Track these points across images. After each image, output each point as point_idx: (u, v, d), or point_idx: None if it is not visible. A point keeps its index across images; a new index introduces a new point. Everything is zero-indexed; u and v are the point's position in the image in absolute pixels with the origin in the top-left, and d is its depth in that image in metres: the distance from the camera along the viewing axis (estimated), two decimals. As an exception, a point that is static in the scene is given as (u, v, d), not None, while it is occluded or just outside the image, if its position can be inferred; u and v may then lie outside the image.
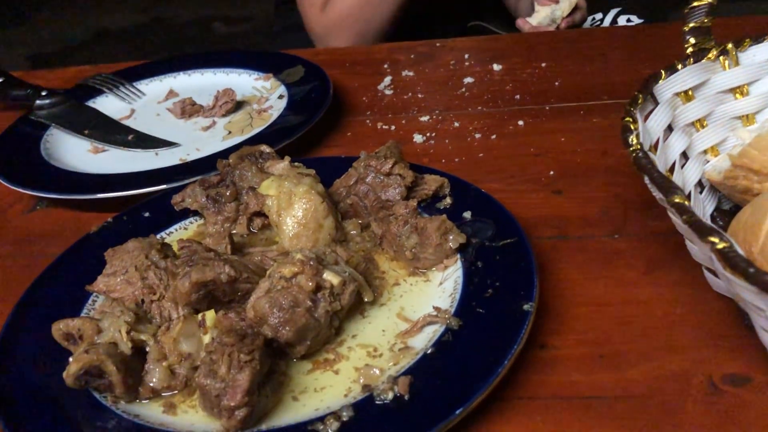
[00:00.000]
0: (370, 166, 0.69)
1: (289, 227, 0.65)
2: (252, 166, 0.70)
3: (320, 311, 0.54)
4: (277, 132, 0.87)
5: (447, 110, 0.94)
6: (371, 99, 1.00)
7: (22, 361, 0.57)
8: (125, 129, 0.95)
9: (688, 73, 0.66)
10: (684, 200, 0.48)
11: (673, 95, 0.65)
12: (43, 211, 0.84)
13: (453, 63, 1.06)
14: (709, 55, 0.67)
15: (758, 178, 0.56)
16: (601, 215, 0.70)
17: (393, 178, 0.68)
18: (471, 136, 0.87)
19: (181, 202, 0.71)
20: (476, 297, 0.56)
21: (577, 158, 0.80)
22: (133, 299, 0.59)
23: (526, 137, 0.86)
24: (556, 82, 0.97)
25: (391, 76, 1.05)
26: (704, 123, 0.67)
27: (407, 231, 0.62)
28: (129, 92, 1.05)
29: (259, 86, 1.03)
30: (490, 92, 0.97)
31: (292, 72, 1.01)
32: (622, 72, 0.97)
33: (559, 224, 0.70)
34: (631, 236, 0.67)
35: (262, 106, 0.97)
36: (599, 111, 0.88)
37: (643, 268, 0.63)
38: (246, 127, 0.93)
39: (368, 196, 0.68)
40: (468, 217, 0.66)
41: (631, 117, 0.59)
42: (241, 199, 0.70)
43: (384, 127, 0.92)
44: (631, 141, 0.55)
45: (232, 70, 1.07)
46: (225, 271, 0.56)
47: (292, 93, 0.97)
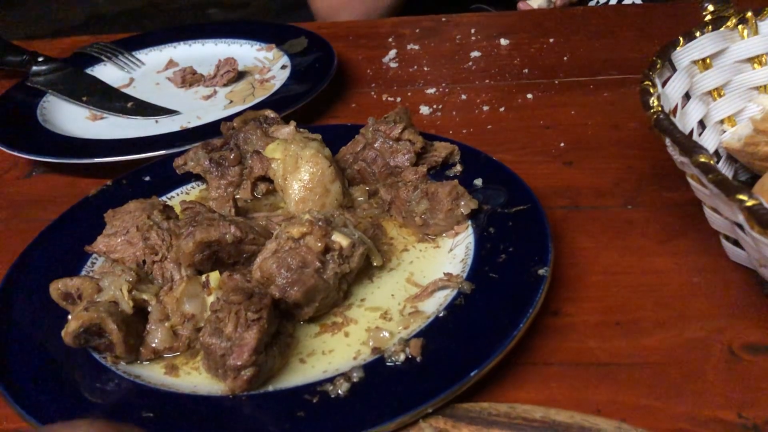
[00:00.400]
0: (378, 130, 0.67)
1: (295, 191, 0.63)
2: (257, 130, 0.68)
3: (329, 273, 0.52)
4: (280, 101, 0.85)
5: (454, 83, 0.92)
6: (376, 71, 0.98)
7: (19, 323, 0.55)
8: (124, 96, 0.93)
9: (706, 40, 0.64)
10: (709, 159, 0.46)
11: (690, 63, 0.63)
12: (40, 176, 0.82)
13: (459, 38, 1.04)
14: (728, 24, 0.65)
15: (780, 144, 0.55)
16: (613, 186, 0.68)
17: (402, 144, 0.66)
18: (479, 108, 0.86)
19: (183, 166, 0.69)
20: (489, 262, 0.55)
21: (587, 131, 0.78)
22: (134, 260, 0.57)
23: (535, 110, 0.84)
24: (564, 57, 0.95)
25: (396, 49, 1.03)
26: (721, 92, 0.66)
27: (417, 196, 0.61)
28: (128, 61, 1.03)
29: (261, 57, 1.01)
30: (498, 66, 0.95)
31: (296, 43, 0.99)
32: (631, 48, 0.95)
33: (571, 195, 0.68)
34: (645, 207, 0.65)
35: (264, 76, 0.95)
36: (609, 86, 0.87)
37: (657, 237, 0.61)
38: (248, 96, 0.91)
39: (376, 161, 0.67)
40: (479, 185, 0.64)
41: (649, 80, 0.57)
42: (245, 162, 0.68)
43: (389, 99, 0.90)
44: (652, 103, 0.54)
45: (233, 40, 1.05)
46: (230, 231, 0.54)
47: (296, 63, 0.95)
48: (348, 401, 0.45)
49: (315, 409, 0.45)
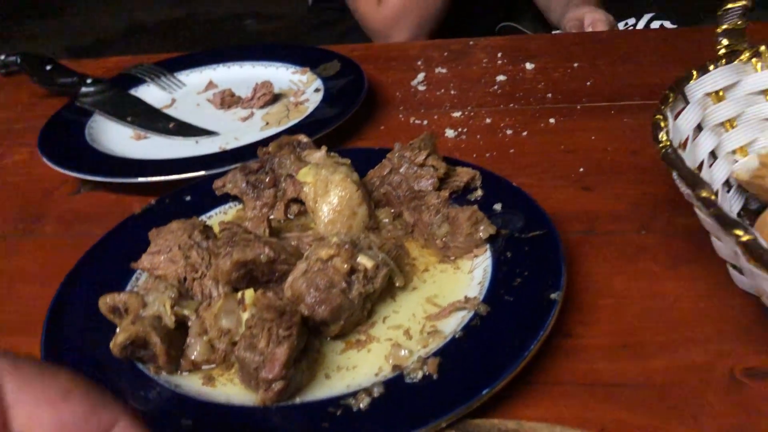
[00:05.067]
0: (404, 156, 0.71)
1: (325, 213, 0.67)
2: (290, 155, 0.73)
3: (354, 293, 0.56)
4: (313, 124, 0.90)
5: (479, 107, 0.96)
6: (404, 94, 1.02)
7: (70, 334, 0.60)
8: (166, 117, 0.99)
9: (719, 73, 0.67)
10: (711, 194, 0.49)
11: (703, 95, 0.66)
12: (88, 193, 0.87)
13: (486, 61, 1.08)
14: (741, 57, 0.68)
15: (786, 178, 0.57)
16: (629, 211, 0.71)
17: (426, 169, 0.70)
18: (502, 132, 0.89)
19: (222, 187, 0.74)
20: (505, 285, 0.58)
21: (607, 156, 0.81)
22: (175, 277, 0.62)
23: (557, 135, 0.87)
24: (588, 82, 0.98)
25: (425, 72, 1.07)
26: (734, 123, 0.68)
27: (439, 220, 0.65)
28: (170, 82, 1.08)
29: (295, 79, 1.06)
30: (522, 90, 0.99)
31: (329, 66, 1.04)
32: (654, 74, 0.98)
33: (588, 219, 0.71)
34: (658, 232, 0.68)
35: (298, 99, 1.00)
36: (630, 111, 0.89)
37: (668, 263, 0.64)
38: (283, 118, 0.96)
39: (401, 186, 0.71)
40: (498, 209, 0.68)
41: (661, 115, 0.60)
42: (279, 185, 0.72)
43: (416, 122, 0.94)
44: (661, 138, 0.57)
45: (269, 63, 1.10)
46: (265, 252, 0.58)
47: (328, 86, 0.99)
48: (369, 415, 0.49)
49: (338, 421, 0.49)
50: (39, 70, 1.09)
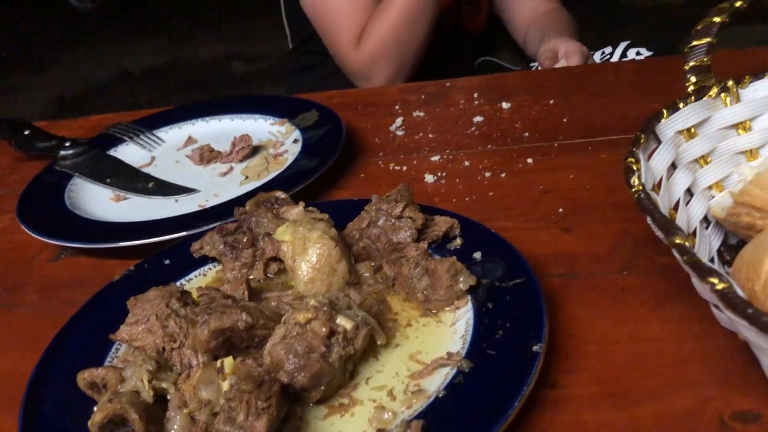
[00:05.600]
0: (381, 209, 0.71)
1: (304, 272, 0.67)
2: (268, 213, 0.72)
3: (334, 356, 0.55)
4: (292, 176, 0.90)
5: (457, 149, 0.96)
6: (383, 140, 1.02)
7: (49, 409, 0.59)
8: (146, 177, 0.99)
9: (689, 111, 0.67)
10: (684, 241, 0.49)
11: (675, 133, 0.66)
12: (68, 259, 0.87)
13: (463, 102, 1.08)
14: (710, 93, 0.68)
15: (760, 215, 0.57)
16: (610, 252, 0.71)
17: (404, 221, 0.70)
18: (481, 175, 0.89)
19: (200, 250, 0.73)
20: (487, 338, 0.58)
21: (585, 195, 0.81)
22: (154, 347, 0.61)
23: (535, 174, 0.87)
24: (564, 119, 0.98)
25: (403, 116, 1.07)
26: (708, 159, 0.68)
27: (418, 273, 0.64)
28: (149, 140, 1.08)
29: (274, 131, 1.06)
30: (500, 130, 0.99)
31: (307, 116, 1.04)
32: (629, 107, 0.98)
33: (569, 262, 0.71)
34: (640, 272, 0.68)
35: (277, 151, 1.00)
36: (607, 147, 0.90)
37: (651, 304, 0.63)
38: (262, 171, 0.96)
39: (380, 238, 0.70)
40: (478, 258, 0.67)
41: (633, 157, 0.60)
42: (257, 245, 0.72)
43: (396, 168, 0.94)
44: (633, 182, 0.57)
45: (248, 115, 1.10)
46: (242, 318, 0.58)
47: (307, 137, 1.00)
48: (353, 484, 0.48)
49: (322, 492, 0.48)
50: (17, 135, 1.09)
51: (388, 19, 1.34)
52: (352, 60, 1.41)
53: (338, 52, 1.44)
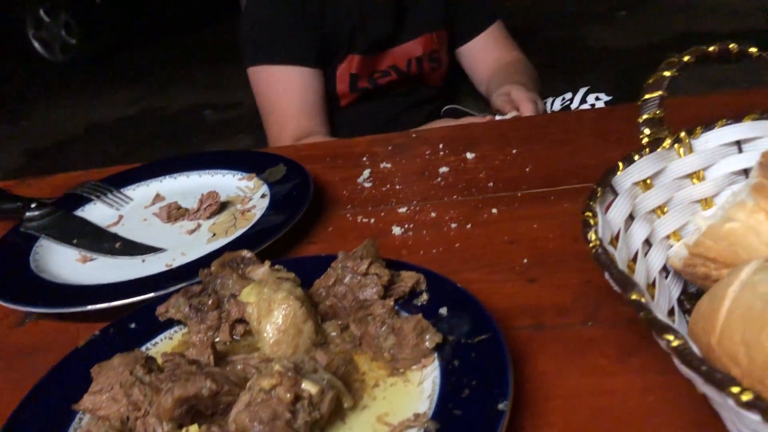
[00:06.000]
0: (346, 267, 0.71)
1: (270, 335, 0.66)
2: (233, 273, 0.72)
3: (300, 422, 0.55)
4: (260, 233, 0.90)
5: (424, 200, 0.97)
6: (351, 192, 1.03)
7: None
8: (112, 237, 0.98)
9: (644, 163, 0.69)
10: (640, 297, 0.50)
11: (632, 185, 0.68)
12: (33, 323, 0.85)
13: (428, 153, 1.10)
14: (664, 144, 0.70)
15: (715, 266, 0.58)
16: (574, 302, 0.72)
17: (370, 278, 0.70)
18: (447, 226, 0.90)
19: (165, 313, 0.73)
20: (453, 398, 0.58)
21: (549, 245, 0.82)
22: (118, 416, 0.60)
23: (500, 225, 0.88)
24: (527, 168, 1.00)
25: (370, 168, 1.08)
26: (664, 209, 0.70)
27: (384, 332, 0.64)
28: (117, 199, 1.08)
29: (242, 186, 1.06)
30: (465, 181, 1.00)
31: (274, 171, 1.05)
32: (590, 155, 1.00)
33: (534, 314, 0.72)
34: (604, 323, 0.68)
35: (245, 206, 1.00)
36: (569, 196, 0.91)
37: (615, 355, 0.64)
38: (230, 228, 0.96)
39: (346, 296, 0.70)
40: (444, 313, 0.68)
41: (590, 211, 0.61)
42: (222, 306, 0.71)
43: (364, 221, 0.95)
44: (590, 237, 0.58)
45: (216, 171, 1.11)
46: (206, 385, 0.57)
47: (275, 192, 1.00)
48: None
49: None
50: (-18, 197, 1.08)
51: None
52: (281, 143, 1.45)
53: (272, 139, 1.49)
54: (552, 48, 4.48)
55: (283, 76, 1.49)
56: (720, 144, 0.71)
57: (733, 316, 0.48)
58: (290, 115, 1.47)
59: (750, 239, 0.54)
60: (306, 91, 1.49)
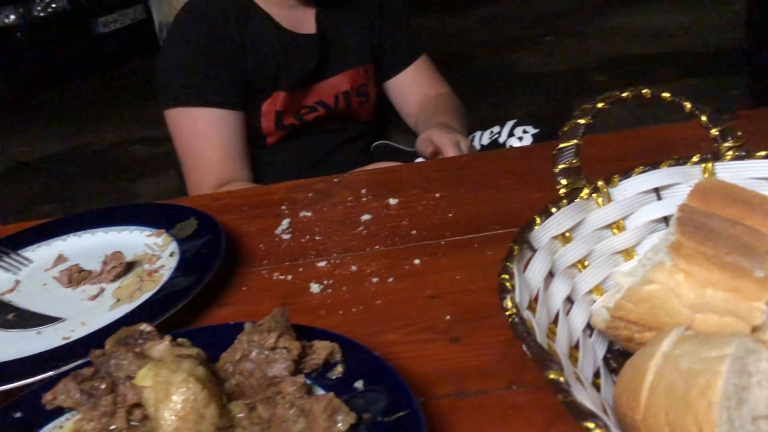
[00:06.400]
0: (253, 341, 0.65)
1: (168, 422, 0.60)
2: (128, 353, 0.66)
3: None
4: (166, 297, 0.84)
5: (344, 252, 0.92)
6: (268, 245, 0.97)
7: None
8: (6, 307, 0.90)
9: (562, 215, 0.66)
10: (559, 376, 0.46)
11: (550, 239, 0.65)
12: None
13: (351, 200, 1.06)
14: (581, 194, 0.68)
15: (637, 329, 0.55)
16: (498, 364, 0.68)
17: (279, 353, 0.65)
18: (368, 281, 0.86)
19: (53, 401, 0.65)
20: (367, 487, 0.53)
21: (472, 298, 0.79)
22: None
23: (423, 278, 0.84)
24: (450, 214, 0.97)
25: (290, 218, 1.03)
26: (585, 263, 0.67)
27: (294, 415, 0.59)
28: (14, 262, 1.00)
29: (151, 243, 0.99)
30: (387, 229, 0.96)
31: (185, 225, 0.99)
32: (513, 198, 0.98)
33: (457, 379, 0.67)
34: (529, 387, 0.65)
35: (153, 266, 0.94)
36: (493, 242, 0.88)
37: (541, 423, 0.60)
38: (135, 292, 0.89)
39: (254, 373, 0.65)
40: (360, 387, 0.63)
41: (507, 273, 0.58)
42: (118, 390, 0.65)
43: (280, 278, 0.89)
44: (507, 305, 0.54)
45: (123, 227, 1.04)
46: (88, 494, 0.51)
47: (184, 249, 0.94)
48: None
49: None
50: None
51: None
52: (201, 191, 1.39)
53: (191, 187, 1.44)
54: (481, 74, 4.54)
55: (201, 119, 1.43)
56: (638, 192, 0.69)
57: (655, 393, 0.45)
58: (210, 161, 1.41)
59: (671, 302, 0.52)
60: (227, 135, 1.43)
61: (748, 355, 0.42)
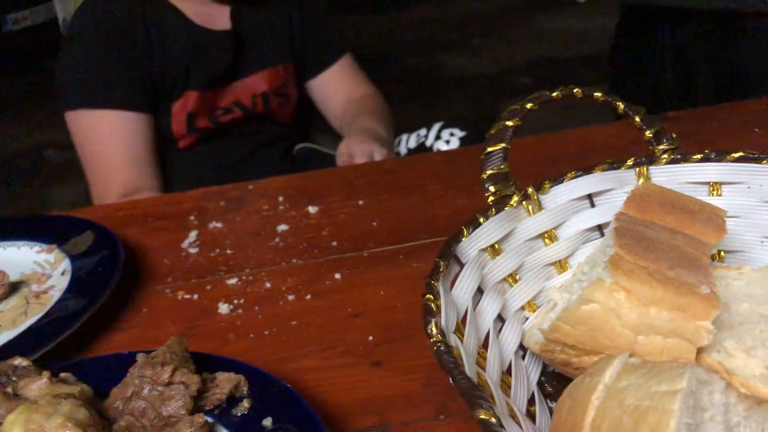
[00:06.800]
0: (144, 376, 0.57)
1: (40, 478, 0.51)
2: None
3: None
4: (52, 323, 0.74)
5: (258, 267, 0.85)
6: (174, 260, 0.88)
7: None
8: None
9: (491, 225, 0.61)
10: (490, 416, 0.40)
11: (479, 252, 0.59)
12: None
13: (266, 208, 0.98)
14: (511, 202, 0.62)
15: (575, 352, 0.50)
16: (424, 390, 0.62)
17: (175, 388, 0.56)
18: (284, 299, 0.78)
19: None
20: None
21: (396, 316, 0.72)
22: None
23: (344, 294, 0.77)
24: (374, 223, 0.90)
25: (198, 229, 0.94)
26: (516, 277, 0.62)
27: (189, 462, 0.51)
28: None
29: (41, 260, 0.89)
30: (306, 240, 0.89)
31: (79, 240, 0.89)
32: (439, 204, 0.92)
33: (380, 408, 0.61)
34: (457, 416, 0.59)
35: (42, 287, 0.83)
36: (418, 253, 0.82)
37: (472, 460, 0.54)
38: (20, 316, 0.79)
39: (146, 413, 0.56)
40: (269, 425, 0.55)
41: (432, 293, 0.52)
42: (-18, 440, 0.55)
43: (186, 297, 0.81)
44: (431, 331, 0.48)
45: (10, 243, 0.92)
46: None
47: (77, 267, 0.84)
48: None
49: None
50: None
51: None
52: (107, 201, 1.29)
53: (96, 196, 1.34)
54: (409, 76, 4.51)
55: (105, 122, 1.32)
56: (570, 199, 0.64)
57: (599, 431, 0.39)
58: (116, 168, 1.30)
59: (611, 323, 0.46)
60: (133, 139, 1.32)
61: (701, 388, 0.37)
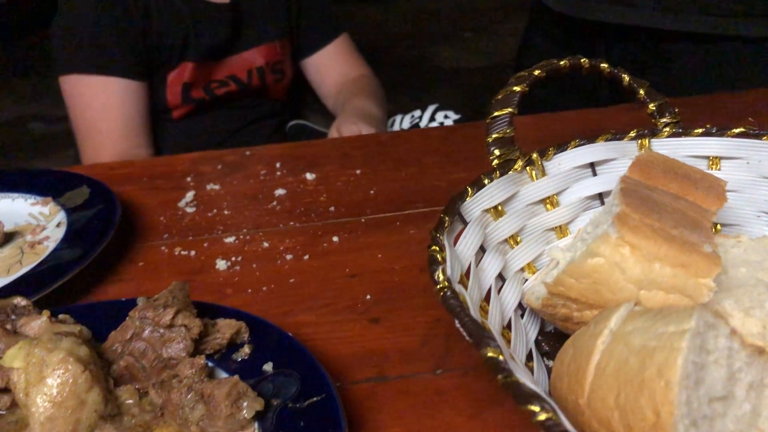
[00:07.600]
0: (146, 318, 0.57)
1: (40, 409, 0.51)
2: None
3: None
4: (48, 271, 0.74)
5: (256, 228, 0.85)
6: (170, 218, 0.88)
7: None
8: None
9: (495, 187, 0.61)
10: (497, 354, 0.41)
11: (482, 212, 0.60)
12: None
13: (264, 173, 0.98)
14: (515, 167, 0.63)
15: (577, 306, 0.51)
16: (422, 346, 0.63)
17: (176, 331, 0.57)
18: (281, 258, 0.78)
19: None
20: (274, 483, 0.46)
21: (394, 277, 0.73)
22: None
23: (341, 255, 0.78)
24: (371, 191, 0.91)
25: (195, 190, 0.94)
26: (518, 239, 0.63)
27: (191, 401, 0.51)
28: None
29: (36, 212, 0.88)
30: (303, 204, 0.89)
31: (75, 194, 0.88)
32: (437, 176, 0.93)
33: (378, 362, 0.61)
34: (455, 370, 0.60)
35: (36, 238, 0.83)
36: (415, 221, 0.83)
37: (468, 410, 0.55)
38: (14, 265, 0.78)
39: (146, 354, 0.57)
40: (269, 370, 0.56)
41: (437, 245, 0.52)
42: (-19, 373, 0.55)
43: (183, 253, 0.81)
44: (438, 277, 0.48)
45: (4, 194, 0.92)
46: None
47: (72, 220, 0.83)
48: None
49: None
50: None
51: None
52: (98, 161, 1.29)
53: (87, 161, 1.33)
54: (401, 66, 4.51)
55: (100, 88, 1.31)
56: (573, 166, 0.65)
57: (603, 374, 0.40)
58: (108, 134, 1.30)
59: (615, 277, 0.47)
60: (127, 107, 1.32)
61: (708, 331, 0.38)
